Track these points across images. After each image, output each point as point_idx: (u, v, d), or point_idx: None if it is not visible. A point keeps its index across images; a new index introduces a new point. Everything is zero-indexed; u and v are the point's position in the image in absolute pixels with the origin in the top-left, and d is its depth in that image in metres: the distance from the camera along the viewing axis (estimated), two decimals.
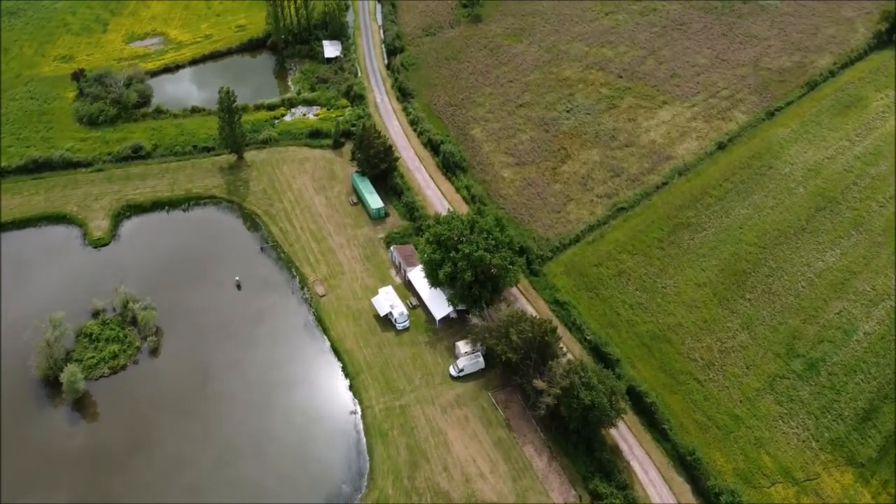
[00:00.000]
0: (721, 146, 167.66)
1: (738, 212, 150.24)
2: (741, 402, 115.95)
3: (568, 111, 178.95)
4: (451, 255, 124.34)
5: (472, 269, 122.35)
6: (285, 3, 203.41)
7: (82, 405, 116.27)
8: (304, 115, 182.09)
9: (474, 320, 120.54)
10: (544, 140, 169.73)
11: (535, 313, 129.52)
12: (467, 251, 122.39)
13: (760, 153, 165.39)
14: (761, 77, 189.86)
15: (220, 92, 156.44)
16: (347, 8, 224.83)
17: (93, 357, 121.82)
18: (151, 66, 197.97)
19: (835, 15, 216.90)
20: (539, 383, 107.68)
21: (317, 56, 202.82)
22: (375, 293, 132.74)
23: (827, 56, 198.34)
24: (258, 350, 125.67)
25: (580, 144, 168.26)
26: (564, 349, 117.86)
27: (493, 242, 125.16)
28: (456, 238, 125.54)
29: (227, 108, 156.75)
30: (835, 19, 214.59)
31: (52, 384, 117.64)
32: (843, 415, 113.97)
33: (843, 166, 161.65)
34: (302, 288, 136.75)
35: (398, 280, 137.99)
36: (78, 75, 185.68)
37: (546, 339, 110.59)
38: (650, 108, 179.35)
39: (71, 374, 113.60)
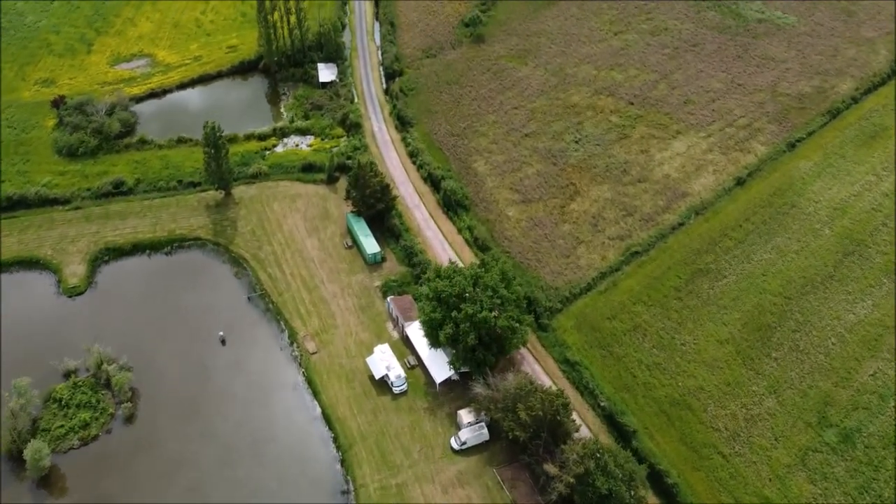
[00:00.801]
0: (740, 181, 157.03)
1: (760, 256, 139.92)
2: (770, 480, 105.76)
3: (576, 142, 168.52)
4: (452, 314, 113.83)
5: (476, 332, 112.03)
6: (278, 22, 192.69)
7: (49, 482, 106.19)
8: (297, 145, 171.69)
9: (478, 388, 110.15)
10: (552, 174, 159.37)
11: (543, 374, 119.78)
12: (470, 312, 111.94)
13: (782, 189, 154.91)
14: (780, 104, 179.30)
15: (205, 127, 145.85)
16: (344, 27, 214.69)
17: (62, 426, 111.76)
18: (137, 90, 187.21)
19: (854, 35, 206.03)
20: (550, 468, 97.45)
21: (311, 80, 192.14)
22: (371, 350, 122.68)
23: (848, 80, 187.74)
24: (241, 419, 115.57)
25: (590, 179, 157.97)
26: (577, 421, 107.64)
27: (498, 301, 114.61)
28: (458, 295, 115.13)
29: (214, 144, 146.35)
30: (855, 40, 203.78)
31: (16, 458, 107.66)
32: (882, 496, 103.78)
33: (871, 205, 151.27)
34: (291, 344, 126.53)
35: (395, 335, 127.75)
36: (58, 102, 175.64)
37: (558, 416, 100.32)
38: (663, 139, 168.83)
39: (35, 451, 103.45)
